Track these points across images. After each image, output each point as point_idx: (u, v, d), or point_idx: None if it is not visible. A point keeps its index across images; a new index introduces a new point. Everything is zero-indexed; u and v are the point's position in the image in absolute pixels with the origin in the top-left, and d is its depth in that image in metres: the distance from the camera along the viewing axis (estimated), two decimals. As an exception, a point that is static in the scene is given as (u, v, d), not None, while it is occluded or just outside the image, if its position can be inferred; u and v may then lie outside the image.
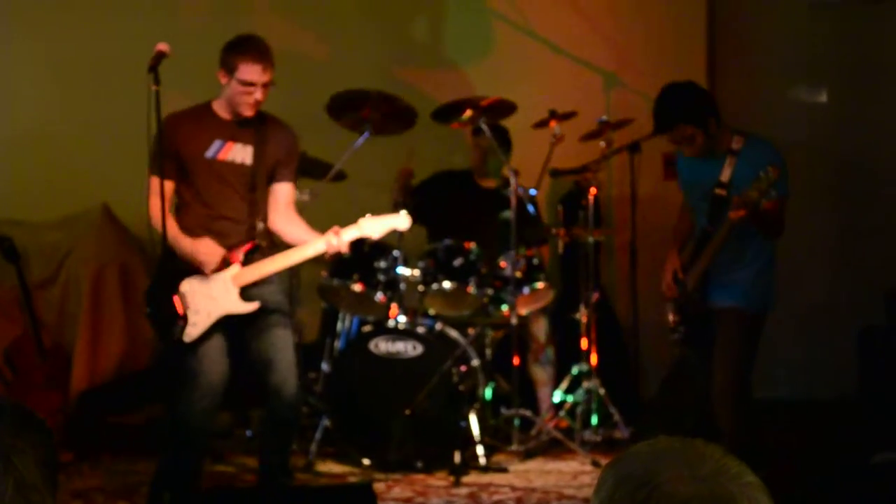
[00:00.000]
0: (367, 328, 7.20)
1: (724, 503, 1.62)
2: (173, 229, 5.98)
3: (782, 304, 6.23)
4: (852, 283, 8.37)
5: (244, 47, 5.97)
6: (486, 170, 7.91)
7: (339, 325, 7.52)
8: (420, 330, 7.07)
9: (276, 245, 6.20)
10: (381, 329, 7.09)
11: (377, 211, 7.65)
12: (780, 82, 8.36)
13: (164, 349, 6.15)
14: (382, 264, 7.21)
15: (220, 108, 6.10)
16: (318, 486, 6.64)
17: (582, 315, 7.59)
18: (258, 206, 6.13)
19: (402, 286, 7.25)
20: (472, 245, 7.27)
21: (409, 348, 7.03)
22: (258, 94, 5.97)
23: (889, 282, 8.09)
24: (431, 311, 7.33)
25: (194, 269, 6.02)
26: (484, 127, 7.39)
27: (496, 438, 7.35)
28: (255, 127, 6.09)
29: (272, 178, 6.17)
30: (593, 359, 7.54)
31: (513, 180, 7.30)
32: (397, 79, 8.61)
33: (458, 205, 7.84)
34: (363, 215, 7.84)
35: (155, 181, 6.01)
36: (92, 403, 7.57)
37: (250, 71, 5.94)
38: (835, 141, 8.33)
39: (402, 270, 7.21)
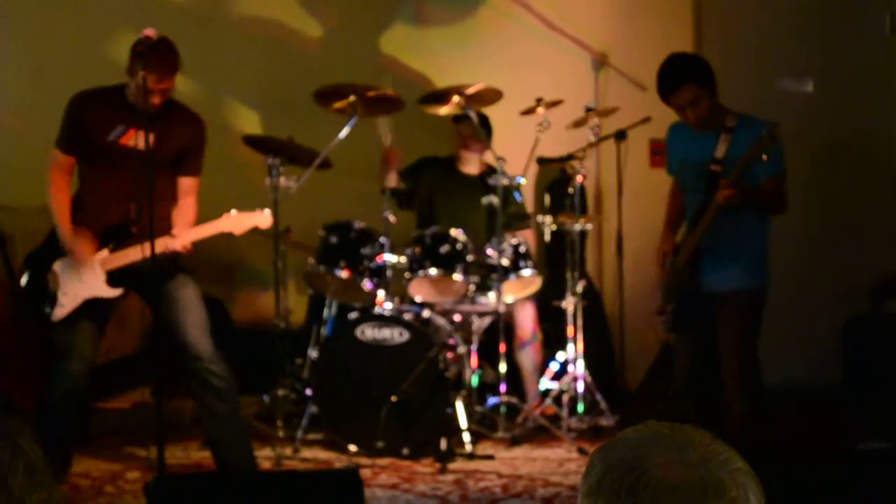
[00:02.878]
0: (353, 315, 7.20)
1: (713, 489, 1.62)
2: (59, 208, 6.16)
3: (770, 296, 6.25)
4: (837, 273, 8.39)
5: (146, 58, 5.98)
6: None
7: (325, 312, 7.53)
8: (406, 317, 7.08)
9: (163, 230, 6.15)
10: (368, 316, 7.10)
11: (364, 198, 7.68)
12: (767, 70, 8.36)
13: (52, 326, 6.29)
14: (369, 251, 7.22)
15: (130, 95, 6.15)
16: (304, 471, 6.64)
17: (568, 303, 7.61)
18: (149, 192, 6.11)
19: (389, 273, 7.26)
20: (459, 232, 7.27)
21: (396, 335, 7.04)
22: (156, 99, 6.05)
23: (873, 271, 8.12)
24: (418, 298, 7.33)
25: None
26: (471, 114, 7.40)
27: (482, 425, 7.36)
28: (161, 116, 6.15)
29: (178, 169, 6.24)
30: (579, 346, 7.55)
31: (499, 167, 7.31)
32: (383, 66, 8.60)
33: (441, 192, 7.84)
34: (349, 203, 7.88)
35: (57, 154, 6.22)
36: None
37: (149, 80, 5.97)
38: (820, 130, 8.34)
39: (389, 257, 7.21)
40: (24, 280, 6.33)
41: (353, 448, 7.03)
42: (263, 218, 6.41)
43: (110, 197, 6.21)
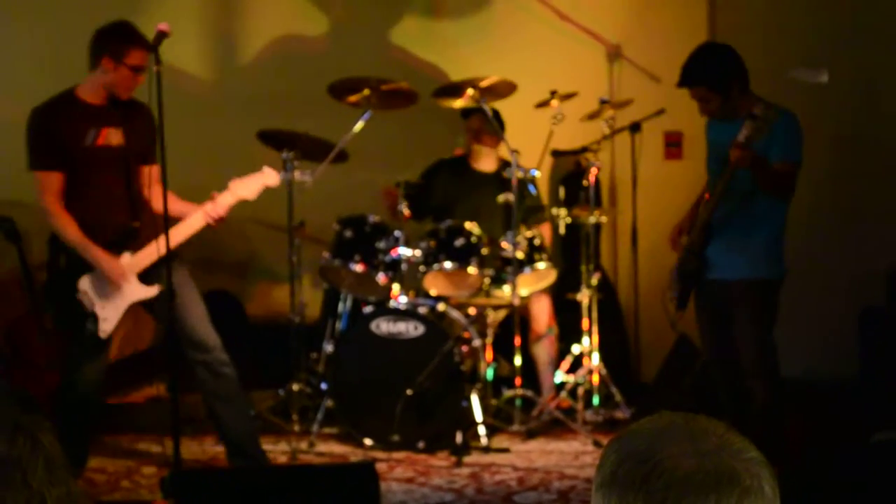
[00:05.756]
0: (368, 309, 7.20)
1: (726, 478, 1.62)
2: (77, 233, 6.10)
3: (784, 286, 6.24)
4: (853, 264, 8.36)
5: (131, 35, 6.07)
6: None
7: (340, 306, 7.53)
8: (421, 310, 7.08)
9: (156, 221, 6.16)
10: (383, 309, 7.10)
11: (379, 193, 7.68)
12: (781, 60, 8.34)
13: (75, 347, 6.33)
14: (384, 245, 7.22)
15: (88, 95, 6.15)
16: (320, 465, 6.64)
17: (583, 296, 7.60)
18: (136, 187, 6.22)
19: (404, 267, 7.26)
20: (474, 225, 7.27)
21: (411, 328, 7.04)
22: (140, 78, 6.09)
23: (889, 262, 8.09)
24: (433, 292, 7.33)
25: (86, 265, 6.14)
26: (485, 107, 7.39)
27: (498, 419, 7.36)
28: (122, 110, 6.18)
29: (144, 159, 6.25)
30: (594, 339, 7.55)
31: (513, 160, 7.31)
32: (397, 59, 8.60)
33: (456, 193, 7.83)
34: (363, 197, 7.88)
35: (43, 176, 6.11)
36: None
37: (141, 57, 6.03)
38: (835, 120, 8.31)
39: (404, 251, 7.21)
40: (54, 315, 6.43)
41: (368, 442, 7.04)
42: (268, 175, 6.40)
43: (103, 200, 6.19)
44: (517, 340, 7.35)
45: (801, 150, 6.01)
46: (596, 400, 7.55)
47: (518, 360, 7.37)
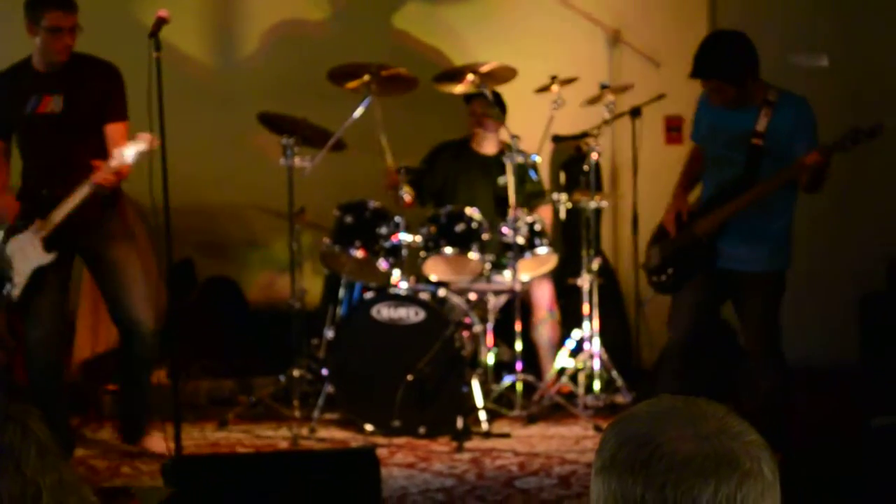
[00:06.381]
0: (369, 294, 7.20)
1: (726, 461, 1.62)
2: None
3: (787, 273, 6.24)
4: (853, 250, 8.36)
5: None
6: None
7: (341, 292, 7.53)
8: (422, 296, 7.08)
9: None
10: (383, 295, 7.10)
11: (379, 178, 7.67)
12: (782, 45, 8.32)
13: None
14: (384, 230, 7.22)
15: (37, 63, 6.33)
16: (321, 451, 6.65)
17: (584, 281, 7.60)
18: (73, 153, 6.28)
19: (404, 252, 7.26)
20: (474, 211, 7.26)
21: (412, 314, 7.04)
22: (67, 39, 6.20)
23: (890, 248, 8.09)
24: (433, 278, 7.33)
25: (15, 229, 6.34)
26: (486, 92, 7.38)
27: (499, 404, 7.37)
28: (67, 74, 6.30)
29: (99, 120, 6.32)
30: (595, 324, 7.55)
31: (514, 145, 7.30)
32: (397, 46, 8.60)
33: (457, 175, 7.83)
34: (364, 182, 7.87)
35: None
36: (94, 371, 7.62)
37: (54, 17, 6.17)
38: (836, 106, 8.30)
39: (404, 236, 7.21)
40: None
41: (369, 427, 7.04)
42: (141, 142, 6.18)
43: (46, 166, 6.35)
44: (518, 325, 7.35)
45: (818, 137, 6.00)
46: (597, 385, 7.55)
47: (519, 346, 7.37)
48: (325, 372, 7.28)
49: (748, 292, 6.07)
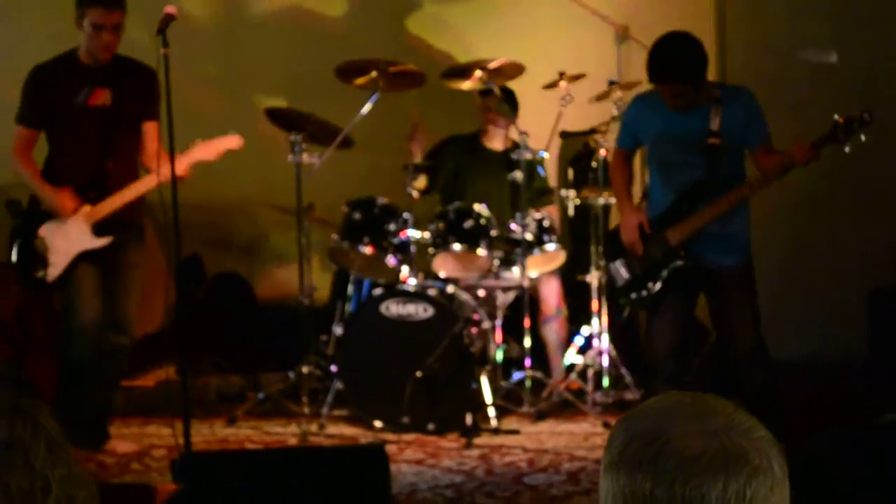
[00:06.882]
0: (378, 291, 7.20)
1: (735, 458, 1.63)
2: (34, 174, 6.45)
3: (791, 266, 6.24)
4: (861, 244, 8.35)
5: None
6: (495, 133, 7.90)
7: (349, 288, 7.53)
8: (431, 292, 7.08)
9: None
10: (392, 291, 7.10)
11: (387, 175, 7.67)
12: (789, 40, 8.32)
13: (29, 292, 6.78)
14: (393, 227, 7.22)
15: (83, 55, 6.42)
16: (330, 447, 6.66)
17: (592, 277, 7.60)
18: (117, 146, 6.45)
19: (413, 249, 7.26)
20: (483, 207, 7.27)
21: (420, 311, 7.04)
22: (107, 37, 6.30)
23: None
24: (442, 274, 7.33)
25: (51, 213, 6.43)
26: (494, 89, 7.38)
27: (507, 400, 7.37)
28: (115, 71, 6.41)
29: (140, 118, 6.48)
30: (604, 321, 7.55)
31: (522, 142, 7.30)
32: (405, 42, 8.60)
33: (467, 169, 7.83)
34: (372, 179, 7.87)
35: (21, 130, 6.49)
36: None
37: (96, 14, 6.26)
38: (844, 99, 8.29)
39: (413, 233, 7.21)
40: (13, 254, 6.56)
41: (378, 424, 7.04)
42: (232, 139, 6.63)
43: (83, 157, 6.44)
44: (527, 322, 7.35)
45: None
46: (606, 381, 7.55)
47: (528, 342, 7.37)
48: (333, 368, 7.28)
49: (730, 287, 6.05)
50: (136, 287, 6.57)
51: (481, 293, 7.41)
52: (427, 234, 7.24)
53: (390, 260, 7.23)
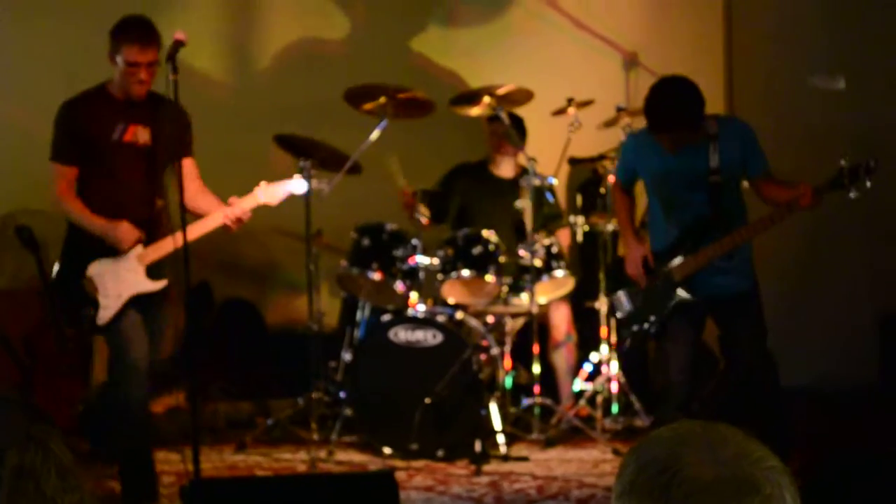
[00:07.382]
0: (386, 317, 7.20)
1: (746, 487, 1.62)
2: (84, 211, 6.18)
3: (803, 292, 6.23)
4: (873, 271, 8.33)
5: (125, 30, 6.11)
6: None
7: (358, 314, 7.52)
8: (440, 318, 7.08)
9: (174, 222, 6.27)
10: (401, 318, 7.10)
11: (396, 201, 7.67)
12: (798, 67, 8.32)
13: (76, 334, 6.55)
14: (401, 253, 7.22)
15: (116, 91, 6.22)
16: (339, 474, 6.65)
17: (601, 303, 7.59)
18: (158, 184, 6.30)
19: (422, 275, 7.25)
20: (491, 233, 7.26)
21: (429, 337, 7.03)
22: (142, 75, 6.09)
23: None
24: (451, 300, 7.33)
25: (98, 252, 6.18)
26: (502, 115, 7.39)
27: (517, 427, 7.35)
28: (150, 107, 6.22)
29: (177, 156, 6.22)
30: (613, 347, 7.53)
31: (531, 168, 7.31)
32: (414, 68, 8.61)
33: (475, 197, 7.83)
34: (380, 205, 7.87)
35: (59, 168, 6.25)
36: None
37: (131, 52, 6.06)
38: (853, 126, 8.29)
39: (422, 259, 7.21)
40: (62, 288, 6.36)
41: (387, 450, 7.03)
42: (297, 183, 6.51)
43: (124, 194, 6.24)
44: (536, 348, 7.34)
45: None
46: (615, 408, 7.53)
47: (537, 369, 7.36)
48: (342, 394, 7.28)
49: (737, 311, 6.07)
50: (173, 324, 6.40)
51: (490, 319, 7.41)
52: (436, 261, 7.24)
53: (399, 286, 7.23)
